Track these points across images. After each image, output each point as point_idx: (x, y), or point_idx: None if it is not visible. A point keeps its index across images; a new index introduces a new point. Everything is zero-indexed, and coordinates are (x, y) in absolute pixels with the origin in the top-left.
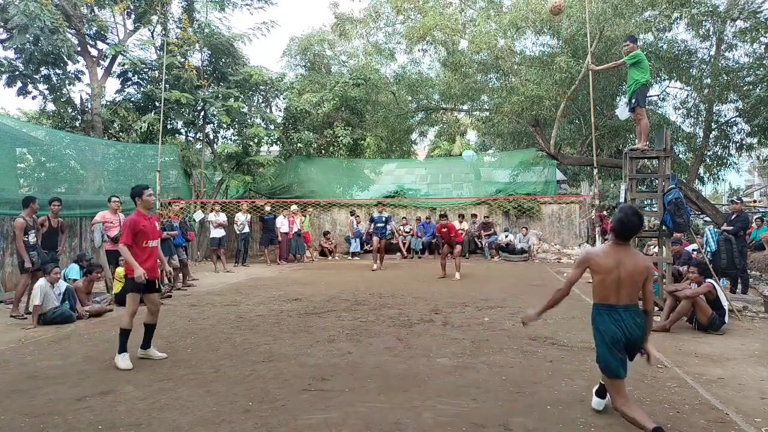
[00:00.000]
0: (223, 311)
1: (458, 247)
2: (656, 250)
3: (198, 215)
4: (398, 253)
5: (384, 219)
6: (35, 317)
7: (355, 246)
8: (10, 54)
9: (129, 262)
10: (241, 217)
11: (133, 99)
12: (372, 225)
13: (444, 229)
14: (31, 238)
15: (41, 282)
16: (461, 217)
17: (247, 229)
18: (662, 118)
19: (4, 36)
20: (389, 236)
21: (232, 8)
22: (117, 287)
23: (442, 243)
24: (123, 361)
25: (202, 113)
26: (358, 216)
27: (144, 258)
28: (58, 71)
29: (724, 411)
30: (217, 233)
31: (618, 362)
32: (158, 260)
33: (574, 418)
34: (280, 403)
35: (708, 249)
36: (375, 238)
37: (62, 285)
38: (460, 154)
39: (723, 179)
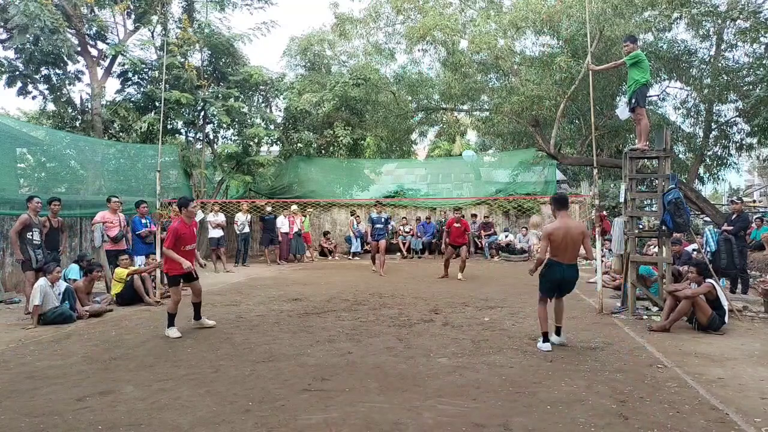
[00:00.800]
0: (223, 311)
1: (464, 248)
2: (656, 250)
3: (198, 215)
4: (398, 253)
5: (384, 219)
6: (35, 317)
7: (355, 246)
8: (10, 54)
9: (175, 259)
10: (241, 217)
11: (133, 99)
12: (371, 226)
13: (456, 224)
14: (35, 236)
15: (41, 282)
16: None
17: (247, 230)
18: (662, 118)
19: (4, 36)
20: (391, 236)
21: (232, 8)
22: (117, 288)
23: (446, 242)
24: (172, 331)
25: (202, 113)
26: (358, 216)
27: (183, 258)
28: (58, 71)
29: (724, 411)
30: (216, 233)
31: (551, 292)
32: (195, 257)
33: (574, 418)
34: (280, 403)
35: (708, 249)
36: (373, 241)
37: (62, 285)
38: (460, 154)
39: (723, 179)
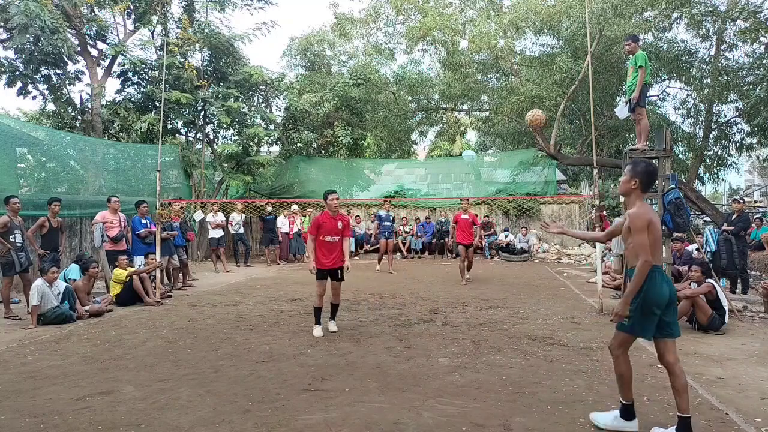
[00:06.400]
0: (223, 311)
1: (470, 248)
2: None
3: (198, 215)
4: (398, 253)
5: (392, 218)
6: (34, 317)
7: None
8: (10, 54)
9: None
10: (236, 217)
11: (133, 99)
12: (378, 224)
13: (464, 216)
14: (17, 238)
15: (38, 282)
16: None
17: (242, 230)
18: (662, 118)
19: (4, 36)
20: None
21: (232, 8)
22: (116, 289)
23: (454, 240)
24: (316, 330)
25: (202, 113)
26: (358, 216)
27: (324, 252)
28: (58, 71)
29: (724, 411)
30: (216, 233)
31: (651, 328)
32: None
33: (574, 418)
34: (280, 403)
35: (708, 249)
36: (382, 240)
37: (61, 285)
38: (460, 154)
39: (723, 179)
